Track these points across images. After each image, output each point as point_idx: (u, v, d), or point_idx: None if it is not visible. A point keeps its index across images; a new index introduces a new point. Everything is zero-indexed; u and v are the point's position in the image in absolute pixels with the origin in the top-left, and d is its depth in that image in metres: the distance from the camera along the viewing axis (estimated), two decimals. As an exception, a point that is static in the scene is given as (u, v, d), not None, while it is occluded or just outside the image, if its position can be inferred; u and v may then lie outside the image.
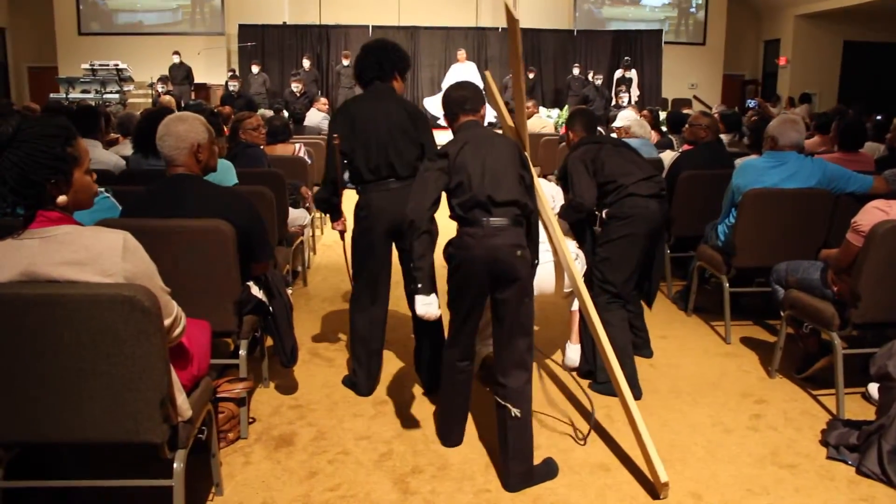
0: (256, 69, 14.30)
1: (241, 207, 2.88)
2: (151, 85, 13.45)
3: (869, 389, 3.37)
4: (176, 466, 2.14)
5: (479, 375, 3.33)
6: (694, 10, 17.91)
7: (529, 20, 16.83)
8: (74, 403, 1.97)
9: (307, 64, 14.46)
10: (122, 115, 7.13)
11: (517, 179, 2.71)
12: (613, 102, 14.17)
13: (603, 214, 3.52)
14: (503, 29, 16.29)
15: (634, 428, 2.76)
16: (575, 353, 3.68)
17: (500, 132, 3.21)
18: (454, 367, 2.87)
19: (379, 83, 3.33)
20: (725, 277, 4.12)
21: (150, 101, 13.06)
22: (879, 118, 8.77)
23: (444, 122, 3.03)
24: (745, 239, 3.96)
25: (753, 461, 2.87)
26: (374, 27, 15.36)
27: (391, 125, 3.23)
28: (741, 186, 3.94)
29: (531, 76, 15.08)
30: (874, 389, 3.23)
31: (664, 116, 9.73)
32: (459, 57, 14.46)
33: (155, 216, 2.74)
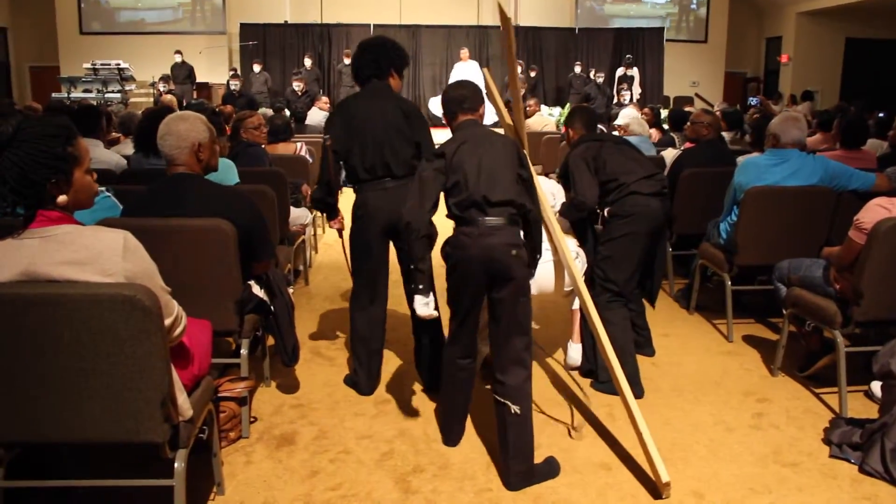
0: (258, 68, 14.30)
1: (242, 206, 2.87)
2: (153, 84, 13.44)
3: (872, 388, 3.36)
4: (177, 466, 2.14)
5: (481, 374, 3.32)
6: (695, 6, 17.87)
7: (531, 18, 16.83)
8: (75, 403, 1.97)
9: (308, 63, 14.46)
10: (123, 114, 7.13)
11: (514, 179, 2.71)
12: (615, 100, 14.15)
13: (605, 213, 3.51)
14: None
15: (636, 427, 2.76)
16: (576, 352, 3.67)
17: (499, 131, 3.21)
18: (455, 364, 2.87)
19: (376, 81, 3.32)
20: (727, 275, 4.12)
21: (151, 100, 13.05)
22: (882, 115, 8.73)
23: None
24: (747, 237, 3.95)
25: (756, 460, 2.86)
26: (375, 26, 15.35)
27: (386, 124, 3.22)
28: (743, 184, 3.94)
29: (533, 74, 15.07)
30: (877, 387, 3.22)
31: (666, 114, 9.73)
32: (462, 56, 14.45)
33: (156, 215, 2.74)
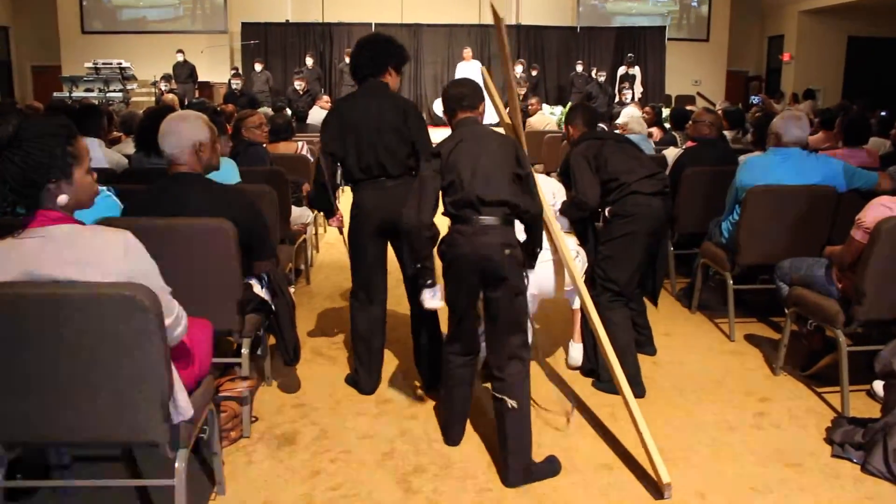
0: (259, 67, 14.29)
1: (243, 206, 2.87)
2: (154, 83, 13.45)
3: (874, 387, 3.36)
4: (178, 466, 2.13)
5: (481, 374, 3.32)
6: (696, 4, 17.84)
7: (532, 17, 16.82)
8: (75, 403, 1.96)
9: (310, 62, 14.46)
10: (124, 113, 7.13)
11: (510, 179, 2.70)
12: (616, 99, 14.13)
13: (606, 212, 3.50)
14: (506, 26, 16.24)
15: (636, 427, 2.75)
16: (578, 351, 3.66)
17: (499, 130, 3.20)
18: (454, 363, 2.87)
19: (373, 79, 3.30)
20: (729, 274, 4.11)
21: (153, 99, 13.05)
22: (884, 114, 8.72)
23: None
24: (748, 236, 3.94)
25: (758, 459, 2.85)
26: (376, 25, 15.31)
27: (381, 123, 3.20)
28: (745, 183, 3.92)
29: (534, 73, 15.06)
30: (879, 387, 3.22)
31: (667, 113, 9.72)
32: (465, 56, 14.45)
33: (156, 215, 2.73)
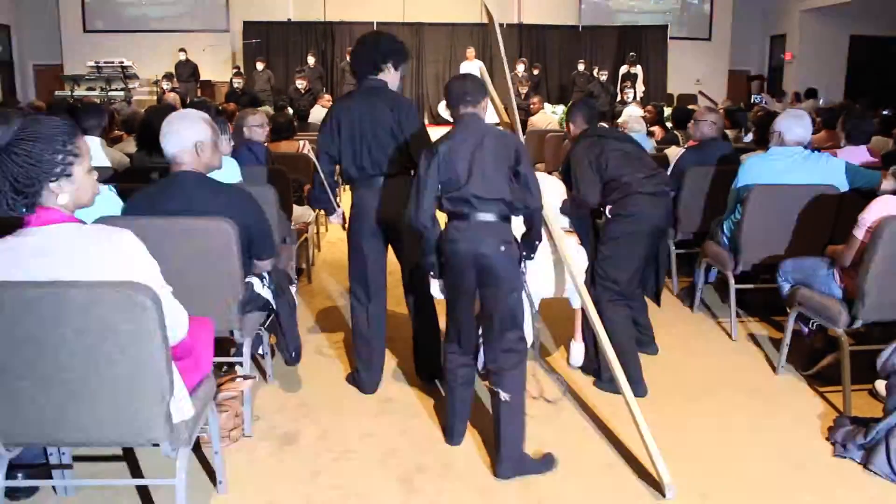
0: (261, 66, 14.28)
1: (244, 205, 2.87)
2: (156, 82, 13.45)
3: (876, 386, 3.34)
4: (178, 465, 2.13)
5: (482, 374, 3.32)
6: (698, 1, 17.81)
7: (535, 16, 16.79)
8: (76, 402, 1.96)
9: (312, 61, 14.44)
10: (126, 112, 7.13)
11: (507, 176, 2.71)
12: (618, 98, 14.11)
13: (607, 212, 3.49)
14: (508, 25, 16.26)
15: (637, 427, 2.74)
16: (579, 351, 3.66)
17: (499, 127, 3.20)
18: (454, 363, 2.88)
19: (370, 78, 3.30)
20: (731, 274, 4.10)
21: (154, 98, 13.05)
22: (886, 113, 8.70)
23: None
24: (750, 235, 3.93)
25: (759, 459, 2.85)
26: (378, 24, 15.30)
27: (375, 122, 3.19)
28: (747, 182, 3.92)
29: (536, 72, 15.05)
30: (881, 386, 3.20)
31: (669, 112, 9.70)
32: (468, 55, 14.43)
33: (157, 214, 2.73)
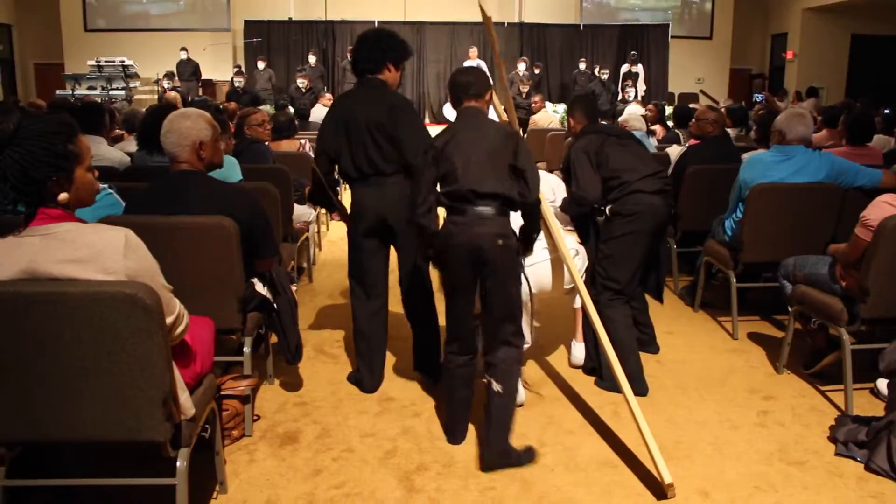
0: (262, 65, 14.29)
1: (244, 204, 2.86)
2: (157, 81, 13.45)
3: (878, 385, 3.35)
4: (179, 465, 2.13)
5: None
6: (698, 0, 17.79)
7: (536, 15, 16.78)
8: (76, 402, 1.96)
9: (313, 60, 14.45)
10: (127, 111, 7.12)
11: (505, 171, 2.71)
12: (620, 97, 14.10)
13: (607, 210, 3.49)
14: (509, 24, 16.26)
15: (638, 426, 2.74)
16: (580, 350, 3.66)
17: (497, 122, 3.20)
18: (454, 363, 2.88)
19: (370, 76, 3.29)
20: (733, 273, 4.10)
21: (155, 97, 13.05)
22: (887, 112, 8.69)
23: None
24: (752, 234, 3.92)
25: (761, 458, 2.84)
26: (379, 22, 15.30)
27: (371, 122, 3.19)
28: (748, 181, 3.91)
29: (537, 71, 15.04)
30: (883, 385, 3.21)
31: (670, 111, 9.69)
32: (471, 55, 14.45)
33: (158, 213, 2.73)
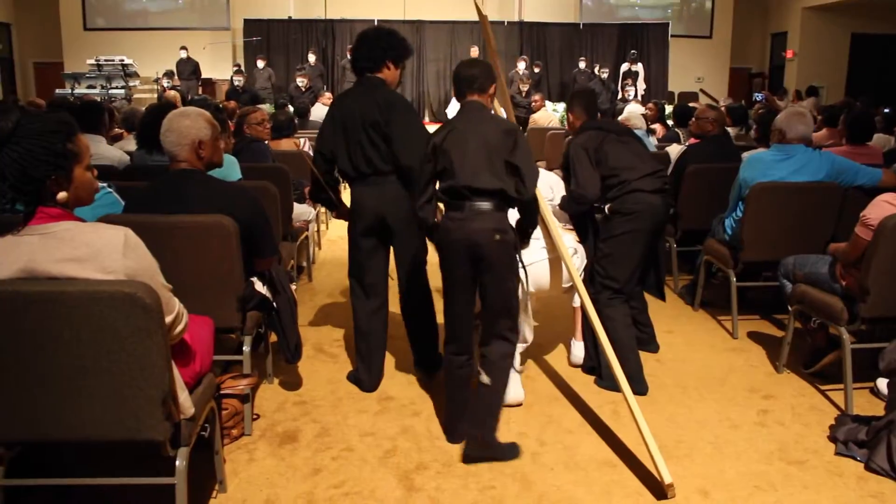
0: (261, 64, 14.29)
1: (244, 202, 2.86)
2: (157, 80, 13.45)
3: (878, 384, 3.35)
4: (178, 464, 2.13)
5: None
6: (697, -1, 17.81)
7: (536, 14, 16.79)
8: (75, 401, 1.96)
9: (312, 58, 14.46)
10: (126, 110, 7.11)
11: (502, 167, 2.70)
12: (619, 96, 14.10)
13: (606, 209, 3.48)
14: (509, 22, 16.26)
15: (638, 426, 2.74)
16: (579, 349, 3.65)
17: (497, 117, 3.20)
18: (453, 362, 2.89)
19: (369, 75, 3.29)
20: (732, 272, 4.10)
21: (155, 96, 13.05)
22: (887, 111, 8.70)
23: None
24: (752, 233, 3.92)
25: (761, 457, 2.84)
26: (379, 21, 15.30)
27: (366, 120, 3.19)
28: (748, 180, 3.91)
29: (537, 70, 15.05)
30: (883, 385, 3.20)
31: (670, 110, 9.69)
32: (472, 54, 14.47)
33: (157, 212, 2.72)
